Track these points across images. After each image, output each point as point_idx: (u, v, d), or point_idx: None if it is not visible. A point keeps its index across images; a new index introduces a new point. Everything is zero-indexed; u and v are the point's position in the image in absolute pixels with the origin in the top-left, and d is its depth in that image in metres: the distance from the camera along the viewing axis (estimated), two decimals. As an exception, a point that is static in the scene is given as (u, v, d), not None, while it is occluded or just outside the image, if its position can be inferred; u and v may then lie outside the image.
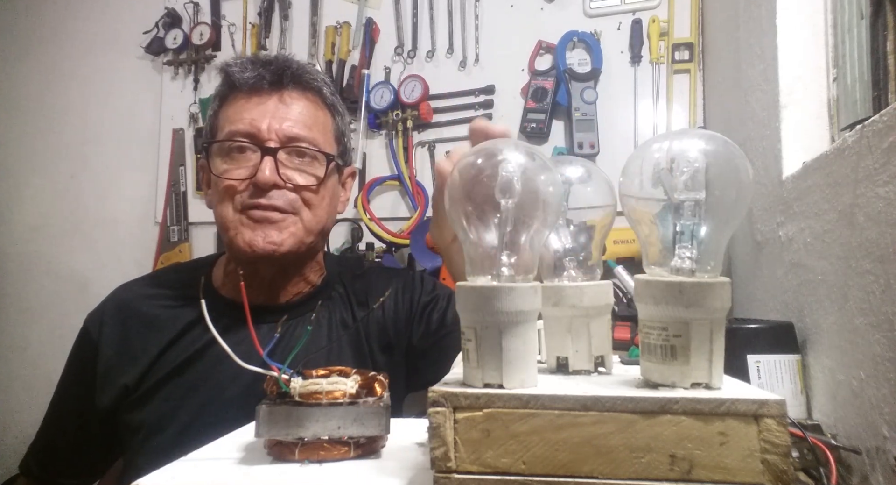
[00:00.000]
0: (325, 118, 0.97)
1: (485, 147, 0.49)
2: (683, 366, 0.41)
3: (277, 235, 0.88)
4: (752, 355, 0.80)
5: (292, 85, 0.94)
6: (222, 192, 0.90)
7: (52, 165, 2.03)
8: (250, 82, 0.92)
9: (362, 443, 0.52)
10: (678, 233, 0.43)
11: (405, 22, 1.78)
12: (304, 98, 0.95)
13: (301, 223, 0.91)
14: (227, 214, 0.90)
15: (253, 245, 0.87)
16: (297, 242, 0.90)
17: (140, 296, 0.98)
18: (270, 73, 0.92)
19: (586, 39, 1.64)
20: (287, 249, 0.89)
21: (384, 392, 0.54)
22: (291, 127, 0.91)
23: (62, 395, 0.99)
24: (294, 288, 0.98)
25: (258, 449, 0.55)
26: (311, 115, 0.94)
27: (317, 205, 0.93)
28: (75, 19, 2.07)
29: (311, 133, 0.93)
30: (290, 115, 0.92)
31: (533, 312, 0.43)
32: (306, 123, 0.93)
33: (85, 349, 0.96)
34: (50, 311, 1.95)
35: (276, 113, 0.91)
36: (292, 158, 0.91)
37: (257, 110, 0.91)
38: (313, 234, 0.93)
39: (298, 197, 0.91)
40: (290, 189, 0.90)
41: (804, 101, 0.92)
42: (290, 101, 0.93)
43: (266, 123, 0.90)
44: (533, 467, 0.39)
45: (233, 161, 0.91)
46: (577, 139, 1.58)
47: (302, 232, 0.91)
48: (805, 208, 0.81)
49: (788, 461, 0.37)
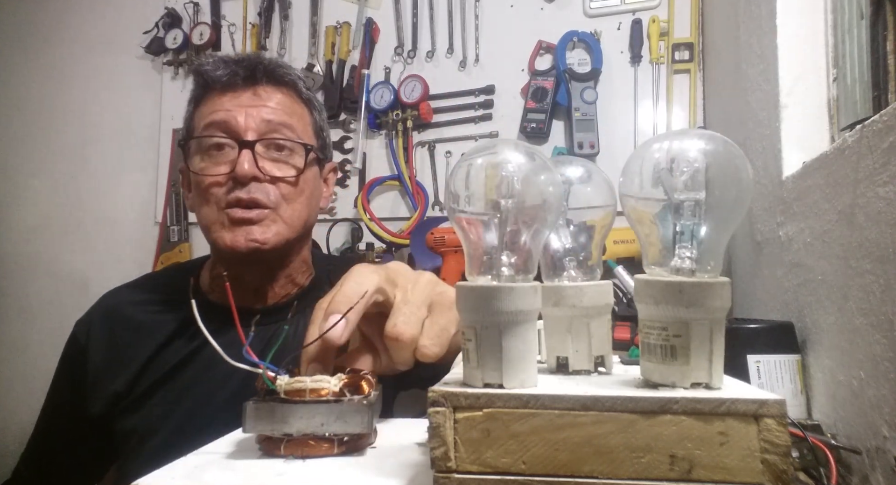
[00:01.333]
0: (302, 111, 0.96)
1: (485, 147, 0.49)
2: (683, 366, 0.41)
3: (260, 234, 0.88)
4: (752, 355, 0.80)
5: (266, 80, 0.93)
6: (203, 190, 0.89)
7: (52, 165, 2.03)
8: (223, 79, 0.91)
9: (346, 440, 0.53)
10: (678, 233, 0.43)
11: (405, 22, 1.78)
12: (280, 92, 0.94)
13: (281, 220, 0.90)
14: (209, 213, 0.89)
15: (235, 245, 0.87)
16: (280, 239, 0.90)
17: (127, 302, 0.97)
18: (244, 70, 0.92)
19: (586, 39, 1.64)
20: (271, 246, 0.88)
21: (371, 390, 0.54)
22: (269, 114, 0.90)
23: (53, 403, 0.99)
24: (281, 290, 0.97)
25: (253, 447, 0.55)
26: (287, 107, 0.94)
27: (295, 199, 0.92)
28: (75, 19, 2.07)
29: (290, 120, 0.92)
30: (266, 105, 0.91)
31: (533, 312, 0.43)
32: (284, 113, 0.92)
33: (74, 356, 0.96)
34: (50, 311, 1.95)
35: (253, 104, 0.91)
36: (270, 151, 0.90)
37: (232, 103, 0.90)
38: (295, 229, 0.92)
39: (278, 191, 0.90)
40: (268, 181, 0.89)
41: (804, 101, 0.92)
42: (264, 94, 0.92)
43: (242, 114, 0.89)
44: (533, 466, 0.39)
45: (210, 158, 0.90)
46: (577, 139, 1.58)
47: (284, 228, 0.90)
48: (805, 208, 0.81)
49: (788, 461, 0.37)
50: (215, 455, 0.54)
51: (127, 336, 0.93)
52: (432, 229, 1.58)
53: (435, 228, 1.59)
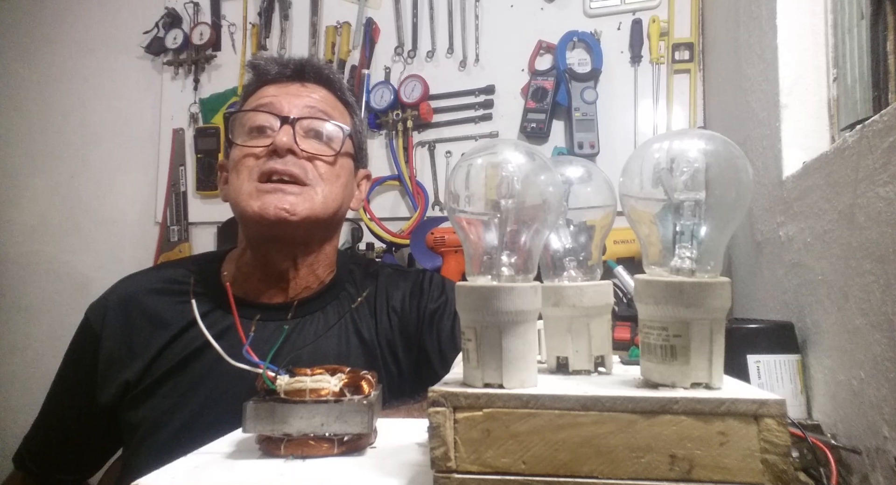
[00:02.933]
0: (343, 111, 1.00)
1: (485, 147, 0.49)
2: (683, 366, 0.41)
3: (290, 203, 0.87)
4: (752, 355, 0.80)
5: (313, 78, 0.98)
6: (238, 163, 0.91)
7: (52, 165, 2.03)
8: (273, 74, 0.97)
9: (346, 440, 0.53)
10: (678, 233, 0.43)
11: (405, 22, 1.78)
12: (324, 89, 0.99)
13: (316, 196, 0.90)
14: (242, 185, 0.89)
15: (264, 212, 0.86)
16: (310, 212, 0.89)
17: (144, 290, 0.96)
18: (294, 65, 0.98)
19: (586, 39, 1.64)
20: (300, 216, 0.87)
21: (371, 390, 0.54)
22: (312, 103, 0.94)
23: (61, 388, 0.97)
24: (303, 281, 0.96)
25: (253, 447, 0.55)
26: (330, 104, 0.98)
27: (332, 180, 0.93)
28: (75, 19, 2.07)
29: (332, 110, 0.96)
30: (312, 95, 0.96)
31: (533, 312, 0.43)
32: (326, 105, 0.96)
33: (86, 342, 0.94)
34: (50, 311, 1.95)
35: (298, 93, 0.95)
36: (310, 135, 0.93)
37: (280, 91, 0.95)
38: (327, 210, 0.92)
39: (314, 168, 0.91)
40: (306, 158, 0.90)
41: (804, 102, 0.92)
42: (310, 88, 0.97)
43: (287, 100, 0.93)
44: (533, 466, 0.39)
45: (251, 139, 0.92)
46: (577, 139, 1.58)
47: (316, 205, 0.90)
48: (805, 208, 0.81)
49: (788, 461, 0.37)
50: (215, 455, 0.54)
51: (142, 324, 0.92)
52: (432, 229, 1.58)
53: (435, 228, 1.59)
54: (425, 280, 1.03)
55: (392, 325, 0.97)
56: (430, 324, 0.97)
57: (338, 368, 0.57)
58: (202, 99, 1.92)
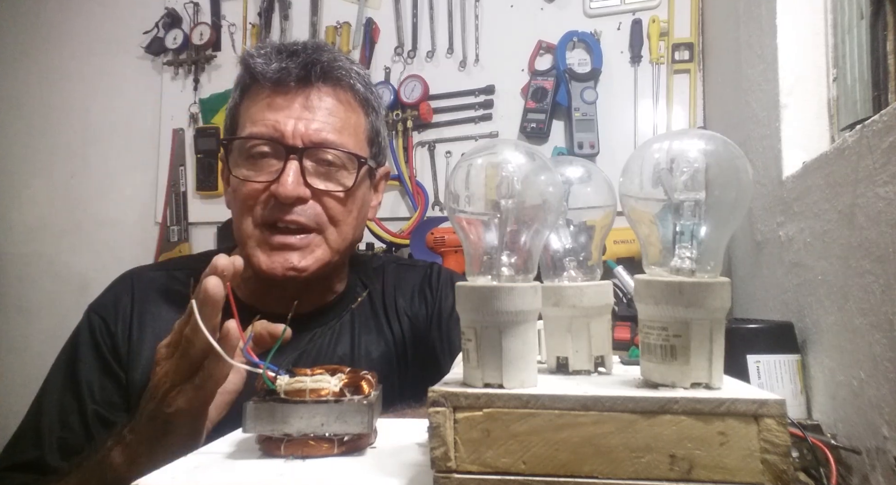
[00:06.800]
0: (356, 119, 0.89)
1: (485, 147, 0.49)
2: (683, 366, 0.41)
3: (299, 260, 0.82)
4: (752, 355, 0.80)
5: (321, 82, 0.85)
6: (241, 201, 0.84)
7: (52, 165, 2.03)
8: (275, 77, 0.84)
9: (346, 440, 0.53)
10: (678, 233, 0.43)
11: (405, 22, 1.78)
12: (334, 96, 0.86)
13: (325, 244, 0.85)
14: (246, 227, 0.84)
15: (272, 271, 0.82)
16: (322, 265, 0.85)
17: (146, 288, 0.93)
18: (298, 67, 0.84)
19: (586, 39, 1.64)
20: (311, 273, 0.84)
21: (371, 390, 0.54)
22: (319, 131, 0.83)
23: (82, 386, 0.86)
24: (319, 299, 0.94)
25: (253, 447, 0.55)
26: (341, 117, 0.86)
27: (343, 220, 0.86)
28: (75, 19, 2.07)
29: (340, 137, 0.85)
30: (317, 117, 0.84)
31: (533, 312, 0.43)
32: (335, 125, 0.85)
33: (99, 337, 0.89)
34: (50, 311, 1.95)
35: (303, 115, 0.83)
36: (319, 165, 0.84)
37: (282, 113, 0.83)
38: (339, 252, 0.87)
39: (324, 212, 0.84)
40: (314, 199, 0.83)
41: (804, 102, 0.92)
42: (317, 101, 0.85)
43: (291, 125, 0.82)
44: (533, 466, 0.39)
45: (253, 167, 0.84)
46: (577, 139, 1.58)
47: (327, 253, 0.85)
48: (805, 208, 0.81)
49: (788, 461, 0.37)
50: (215, 455, 0.54)
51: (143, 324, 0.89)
52: (432, 229, 1.58)
53: (435, 228, 1.59)
54: (433, 276, 1.00)
55: (403, 329, 0.95)
56: (440, 327, 0.95)
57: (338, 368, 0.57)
58: (202, 99, 1.92)
